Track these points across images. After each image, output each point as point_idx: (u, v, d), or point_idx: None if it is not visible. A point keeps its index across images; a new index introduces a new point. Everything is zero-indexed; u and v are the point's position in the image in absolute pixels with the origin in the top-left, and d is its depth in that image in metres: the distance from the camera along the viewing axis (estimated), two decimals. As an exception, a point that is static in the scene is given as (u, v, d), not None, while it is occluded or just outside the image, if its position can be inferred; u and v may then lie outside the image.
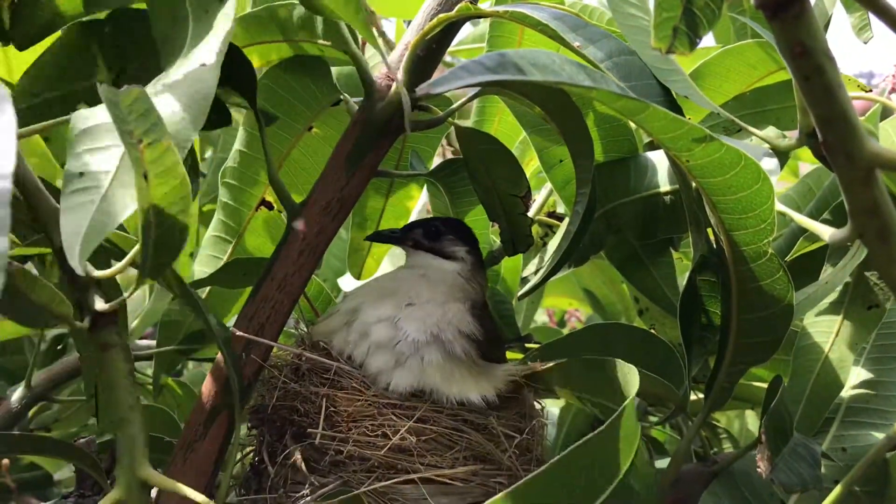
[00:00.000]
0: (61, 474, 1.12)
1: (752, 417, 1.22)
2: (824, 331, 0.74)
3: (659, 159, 0.79)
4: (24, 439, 0.74)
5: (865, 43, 0.87)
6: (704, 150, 0.53)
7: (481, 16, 0.67)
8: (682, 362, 0.70)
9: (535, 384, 0.69)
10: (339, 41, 0.70)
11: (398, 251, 0.89)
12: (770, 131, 0.67)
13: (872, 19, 0.87)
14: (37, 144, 0.78)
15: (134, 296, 0.54)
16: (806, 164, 1.20)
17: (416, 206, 0.92)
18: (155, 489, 0.57)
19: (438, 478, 0.64)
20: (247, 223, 0.85)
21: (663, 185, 0.78)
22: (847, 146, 0.43)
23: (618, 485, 0.50)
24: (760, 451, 0.58)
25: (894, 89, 0.95)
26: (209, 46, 0.51)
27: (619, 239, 0.83)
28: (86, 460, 0.68)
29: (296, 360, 0.70)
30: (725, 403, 0.69)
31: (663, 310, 0.87)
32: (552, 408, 1.07)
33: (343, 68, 0.83)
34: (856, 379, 0.71)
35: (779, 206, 0.62)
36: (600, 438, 0.49)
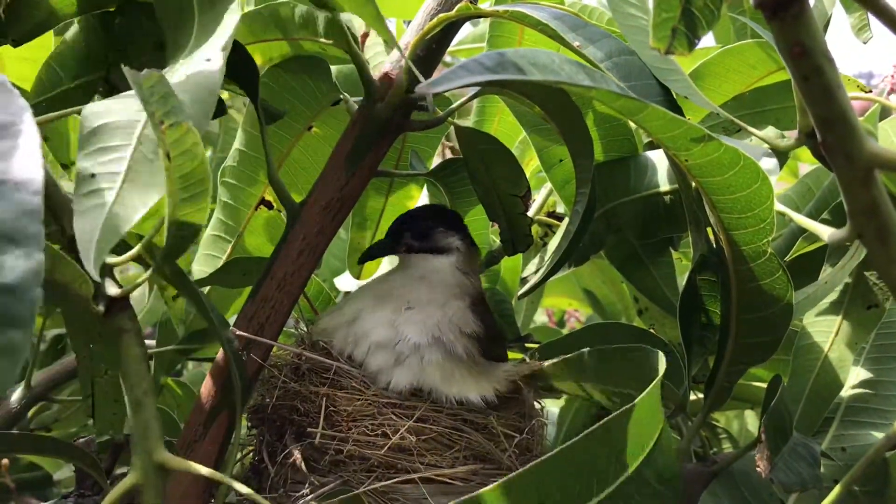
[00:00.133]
0: (61, 474, 1.12)
1: (751, 417, 1.22)
2: (824, 330, 0.74)
3: (659, 159, 0.79)
4: (24, 439, 0.74)
5: (864, 43, 0.87)
6: (704, 149, 0.53)
7: (481, 15, 0.67)
8: (682, 362, 0.70)
9: (536, 383, 0.70)
10: (341, 39, 0.70)
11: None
12: (769, 131, 0.67)
13: (872, 20, 0.87)
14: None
15: (134, 295, 0.54)
16: (805, 164, 1.20)
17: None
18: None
19: (438, 477, 0.64)
20: (246, 222, 0.85)
21: (663, 185, 0.78)
22: (846, 146, 0.43)
23: (642, 462, 0.50)
24: (760, 450, 0.58)
25: (893, 90, 0.95)
26: (215, 43, 0.51)
27: (618, 238, 0.83)
28: (85, 460, 0.68)
29: (296, 359, 0.70)
30: (725, 403, 0.69)
31: (663, 309, 0.87)
32: (552, 407, 1.07)
33: (343, 68, 0.83)
34: (855, 379, 0.71)
35: (778, 206, 0.62)
36: (625, 417, 0.49)
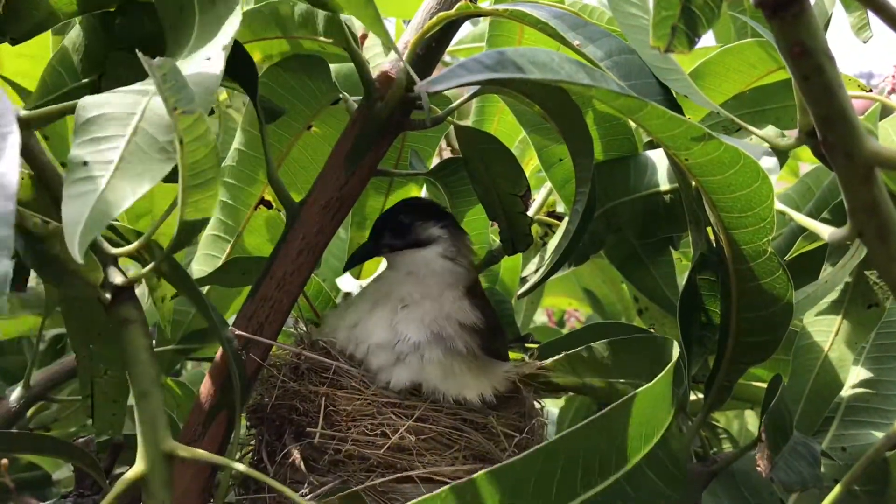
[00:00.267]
0: (60, 474, 1.12)
1: (751, 417, 1.22)
2: (824, 330, 0.74)
3: (659, 158, 0.79)
4: (24, 438, 0.74)
5: (865, 42, 0.87)
6: (704, 148, 0.53)
7: (481, 14, 0.67)
8: (682, 362, 0.70)
9: (537, 382, 0.69)
10: (341, 38, 0.70)
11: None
12: (769, 130, 0.66)
13: (872, 20, 0.87)
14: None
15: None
16: (805, 163, 1.20)
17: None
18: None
19: (437, 477, 0.64)
20: (246, 222, 0.85)
21: (663, 184, 0.78)
22: (846, 145, 0.43)
23: (649, 453, 0.50)
24: (760, 449, 0.57)
25: (894, 90, 0.95)
26: (216, 42, 0.51)
27: (618, 238, 0.82)
28: (85, 459, 0.68)
29: (295, 359, 0.70)
30: (725, 403, 0.68)
31: (663, 309, 0.87)
32: (552, 407, 1.07)
33: (342, 67, 0.83)
34: (855, 378, 0.71)
35: (778, 206, 0.62)
36: (629, 405, 0.49)
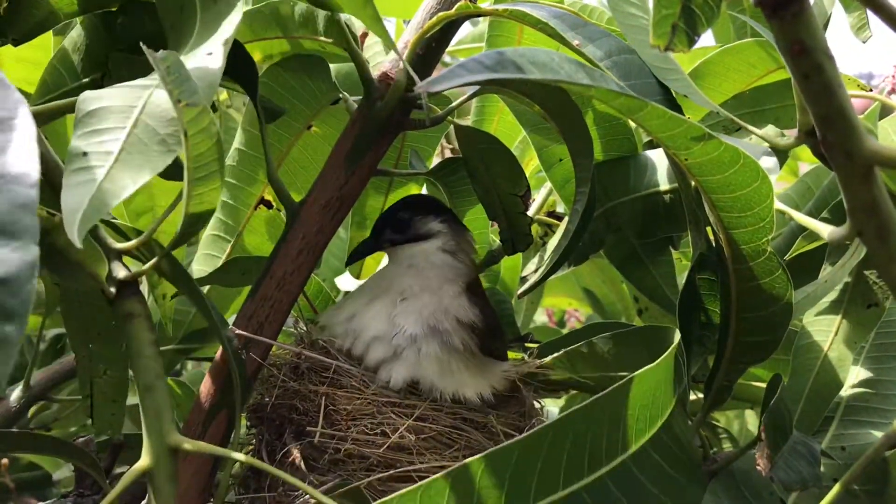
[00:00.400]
0: (60, 474, 1.12)
1: (751, 417, 1.22)
2: (823, 330, 0.74)
3: (658, 158, 0.79)
4: (24, 438, 0.74)
5: (864, 42, 0.87)
6: (703, 148, 0.53)
7: (480, 14, 0.67)
8: (682, 360, 0.70)
9: (537, 381, 0.69)
10: (341, 38, 0.70)
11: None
12: (769, 130, 0.66)
13: (871, 20, 0.87)
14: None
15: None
16: (805, 163, 1.20)
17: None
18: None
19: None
20: (246, 222, 0.85)
21: (663, 184, 0.78)
22: (846, 144, 0.43)
23: (651, 439, 0.50)
24: (760, 448, 0.57)
25: (894, 90, 0.95)
26: (217, 38, 0.51)
27: (618, 238, 0.82)
28: (85, 459, 0.68)
29: (295, 358, 0.70)
30: (725, 403, 0.68)
31: (663, 309, 0.87)
32: (552, 407, 1.07)
33: (342, 67, 0.83)
34: (855, 378, 0.71)
35: (778, 205, 0.62)
36: (627, 387, 0.50)
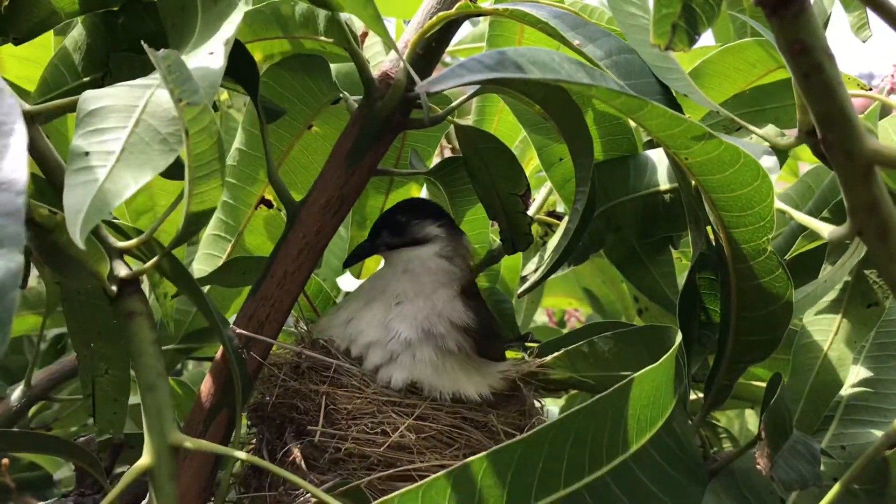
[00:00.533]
0: (61, 474, 1.12)
1: (751, 417, 1.22)
2: (824, 329, 0.74)
3: (658, 158, 0.79)
4: (25, 437, 0.75)
5: (864, 41, 0.87)
6: (703, 147, 0.53)
7: (481, 14, 0.67)
8: (682, 361, 0.70)
9: (537, 381, 0.69)
10: (341, 38, 0.70)
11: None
12: (769, 129, 0.66)
13: (872, 20, 0.87)
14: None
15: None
16: (805, 163, 1.20)
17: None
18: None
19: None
20: (246, 222, 0.85)
21: (663, 184, 0.78)
22: (846, 144, 0.43)
23: (652, 438, 0.50)
24: (760, 447, 0.57)
25: (893, 89, 0.95)
26: (218, 37, 0.51)
27: (618, 237, 0.83)
28: (86, 459, 0.68)
29: (295, 357, 0.70)
30: (725, 402, 0.68)
31: (663, 308, 0.87)
32: (552, 406, 1.07)
33: (342, 67, 0.83)
34: (855, 377, 0.71)
35: (778, 204, 0.62)
36: (627, 387, 0.50)
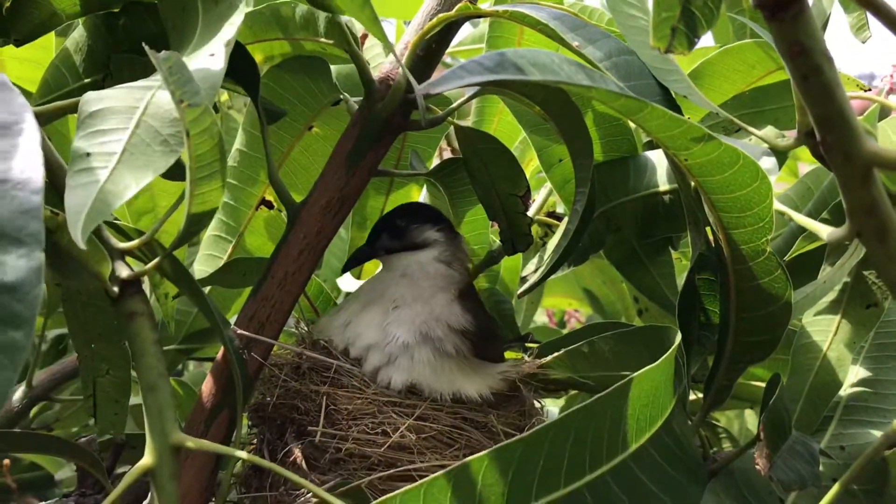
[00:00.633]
0: (62, 474, 1.12)
1: (751, 417, 1.22)
2: (823, 330, 0.74)
3: (658, 159, 0.79)
4: (26, 438, 0.75)
5: (863, 43, 0.87)
6: (703, 148, 0.54)
7: (481, 15, 0.67)
8: (681, 361, 0.70)
9: (536, 381, 0.70)
10: (342, 39, 0.70)
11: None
12: (769, 131, 0.67)
13: (871, 20, 0.87)
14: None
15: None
16: (805, 164, 1.20)
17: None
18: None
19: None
20: (247, 222, 0.85)
21: (662, 185, 0.78)
22: (845, 145, 0.43)
23: (651, 438, 0.51)
24: (759, 448, 0.58)
25: (892, 90, 0.95)
26: (219, 37, 0.52)
27: (618, 238, 0.83)
28: (87, 459, 0.68)
29: (296, 358, 0.70)
30: (724, 402, 0.69)
31: (662, 309, 0.88)
32: (552, 407, 1.07)
33: (343, 68, 0.83)
34: (854, 378, 0.71)
35: (777, 206, 0.62)
36: (626, 387, 0.50)
